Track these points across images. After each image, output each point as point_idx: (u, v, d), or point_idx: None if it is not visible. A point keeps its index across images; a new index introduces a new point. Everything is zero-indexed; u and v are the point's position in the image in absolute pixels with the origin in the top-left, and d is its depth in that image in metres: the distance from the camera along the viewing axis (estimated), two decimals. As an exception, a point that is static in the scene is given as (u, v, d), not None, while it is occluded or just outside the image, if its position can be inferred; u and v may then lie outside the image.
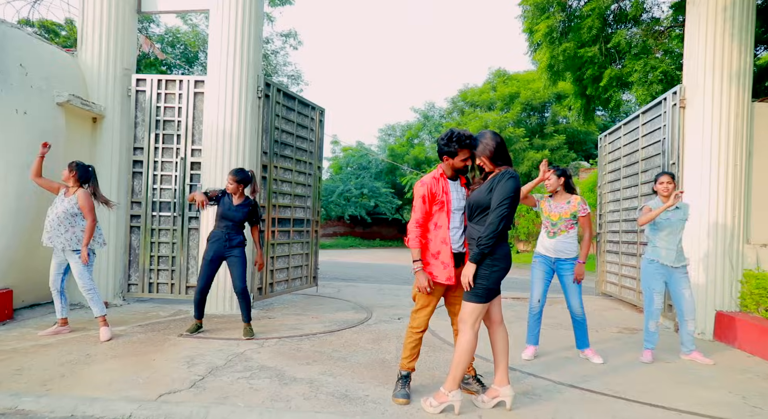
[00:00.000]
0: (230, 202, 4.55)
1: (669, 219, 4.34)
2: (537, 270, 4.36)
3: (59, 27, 23.45)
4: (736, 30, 5.27)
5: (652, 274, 4.43)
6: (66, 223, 4.30)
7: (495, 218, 2.84)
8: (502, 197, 2.86)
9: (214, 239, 4.52)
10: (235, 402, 3.00)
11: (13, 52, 4.79)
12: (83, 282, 4.40)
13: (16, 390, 3.07)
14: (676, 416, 3.06)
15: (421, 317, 3.19)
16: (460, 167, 3.16)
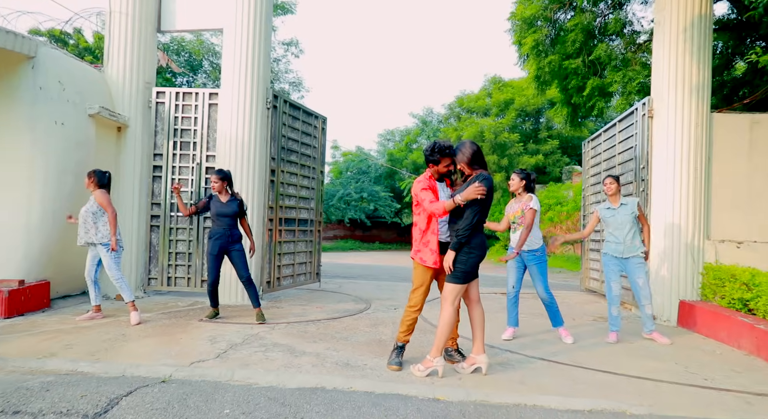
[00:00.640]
0: (219, 201, 5.15)
1: (614, 216, 4.96)
2: (510, 262, 4.97)
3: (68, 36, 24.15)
4: (695, 49, 5.89)
5: (607, 265, 5.06)
6: (90, 221, 4.92)
7: (469, 214, 3.45)
8: (472, 205, 3.47)
9: (217, 236, 5.08)
10: (255, 368, 3.60)
11: (52, 70, 5.41)
12: (112, 273, 5.00)
13: (73, 357, 3.67)
14: (623, 379, 3.65)
15: (417, 296, 3.78)
16: (443, 172, 3.78)
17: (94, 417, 2.71)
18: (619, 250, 4.96)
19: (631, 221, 4.96)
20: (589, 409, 3.03)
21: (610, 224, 5.04)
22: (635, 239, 4.97)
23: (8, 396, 2.94)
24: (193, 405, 2.88)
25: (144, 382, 3.23)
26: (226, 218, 5.10)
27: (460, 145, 3.73)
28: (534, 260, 4.86)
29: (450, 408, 2.99)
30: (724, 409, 3.10)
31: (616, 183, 5.03)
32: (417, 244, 3.76)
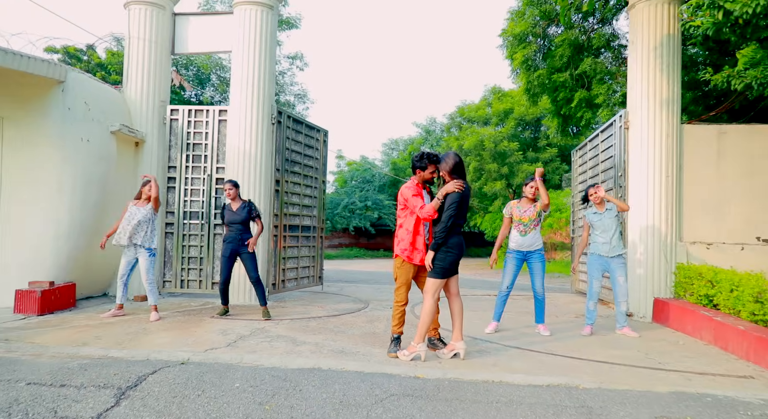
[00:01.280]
0: (231, 210, 5.70)
1: (601, 220, 5.44)
2: (510, 262, 5.43)
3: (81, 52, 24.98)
4: (665, 66, 6.40)
5: (593, 264, 5.54)
6: (144, 225, 5.51)
7: (445, 218, 3.98)
8: (451, 201, 4.00)
9: (229, 240, 5.66)
10: (261, 353, 4.12)
11: (79, 93, 6.01)
12: (148, 276, 5.56)
13: (103, 346, 4.21)
14: (585, 363, 4.14)
15: (401, 293, 4.29)
16: (428, 178, 4.32)
17: (126, 389, 3.24)
18: (606, 250, 5.43)
19: (616, 223, 5.44)
20: (547, 384, 3.52)
21: (598, 226, 5.50)
22: (620, 240, 5.45)
23: (54, 373, 3.48)
24: (208, 381, 3.41)
25: (166, 364, 3.76)
26: (237, 224, 5.66)
27: (445, 155, 4.26)
28: (539, 258, 5.36)
29: (427, 383, 3.49)
30: (665, 384, 3.57)
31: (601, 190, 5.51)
32: (404, 244, 4.27)
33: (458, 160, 4.23)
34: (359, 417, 2.91)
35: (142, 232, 5.49)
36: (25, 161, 5.83)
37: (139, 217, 5.49)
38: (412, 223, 4.27)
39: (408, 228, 4.28)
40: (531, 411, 3.06)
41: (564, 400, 3.24)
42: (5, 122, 5.85)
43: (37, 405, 2.98)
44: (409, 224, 4.28)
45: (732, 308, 5.10)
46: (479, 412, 3.01)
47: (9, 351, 4.05)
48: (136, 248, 5.53)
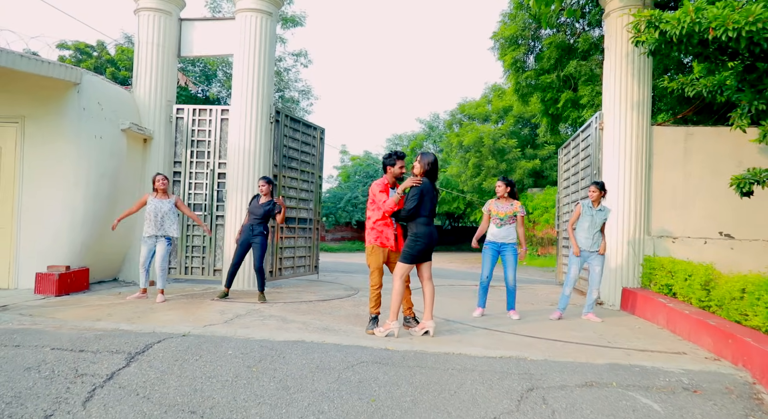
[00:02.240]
0: (257, 202, 6.24)
1: (592, 216, 5.90)
2: (487, 254, 5.94)
3: (92, 49, 25.59)
4: (636, 71, 6.85)
5: (572, 257, 6.01)
6: (172, 217, 6.12)
7: (406, 211, 4.55)
8: (411, 194, 4.54)
9: (244, 229, 6.24)
10: (253, 329, 4.66)
11: (93, 94, 6.56)
12: (162, 263, 6.13)
13: (114, 321, 4.78)
14: (541, 341, 4.64)
15: (375, 277, 4.82)
16: (398, 174, 4.84)
17: (135, 354, 3.79)
18: (588, 244, 5.91)
19: (602, 223, 5.90)
20: (500, 356, 4.04)
21: (586, 220, 5.97)
22: (600, 238, 5.92)
23: (74, 341, 4.04)
24: (206, 349, 3.95)
25: (170, 336, 4.31)
26: (255, 216, 6.21)
27: (425, 155, 4.78)
28: (512, 251, 5.86)
29: (395, 354, 4.02)
30: (605, 357, 4.08)
31: (597, 190, 5.94)
32: (375, 233, 4.81)
33: (434, 160, 4.75)
34: (331, 377, 3.44)
35: (169, 222, 6.07)
36: (44, 156, 6.40)
37: (165, 209, 6.08)
38: (379, 215, 4.81)
39: (378, 218, 4.84)
40: (480, 376, 3.57)
41: (511, 368, 3.75)
42: (27, 120, 6.41)
43: (61, 364, 3.54)
44: (379, 217, 4.81)
45: (685, 295, 5.59)
46: (434, 376, 3.54)
47: (34, 324, 4.62)
48: (156, 238, 6.08)
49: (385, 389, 3.30)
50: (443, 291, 8.22)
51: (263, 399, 3.10)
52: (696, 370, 3.84)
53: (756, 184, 4.67)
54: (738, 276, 4.60)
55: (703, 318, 4.66)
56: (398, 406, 3.06)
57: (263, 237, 6.26)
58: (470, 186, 21.61)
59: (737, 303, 4.45)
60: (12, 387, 3.17)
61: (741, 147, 6.67)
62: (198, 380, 3.36)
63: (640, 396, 3.30)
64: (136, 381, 3.31)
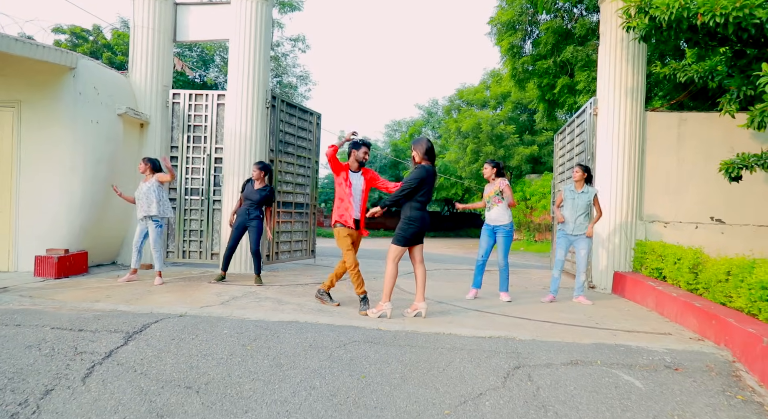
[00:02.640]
0: (252, 187, 6.30)
1: (574, 200, 5.98)
2: (483, 235, 6.06)
3: (88, 33, 25.37)
4: (631, 57, 6.87)
5: (560, 239, 6.12)
6: (151, 196, 6.10)
7: (401, 189, 4.61)
8: (410, 177, 4.60)
9: (240, 213, 6.29)
10: (248, 310, 4.76)
11: (89, 78, 6.58)
12: (155, 244, 6.19)
13: (113, 302, 4.87)
14: (531, 322, 4.75)
15: (349, 257, 4.97)
16: (361, 158, 5.02)
17: (133, 333, 3.88)
18: (570, 228, 6.01)
19: (586, 206, 5.98)
20: (489, 336, 4.14)
21: (569, 204, 6.07)
22: (585, 221, 6.01)
23: (73, 321, 4.14)
24: (202, 328, 4.05)
25: (167, 316, 4.40)
26: (251, 201, 6.27)
27: (418, 140, 4.84)
28: (505, 233, 5.96)
29: (386, 334, 4.12)
30: (591, 338, 4.18)
31: (581, 171, 6.05)
32: (340, 211, 5.02)
33: (430, 145, 4.82)
34: (324, 355, 3.55)
35: (148, 201, 6.09)
36: (41, 140, 6.44)
37: (144, 189, 6.11)
38: (341, 193, 5.04)
39: (340, 197, 5.06)
40: (468, 354, 3.68)
41: (499, 348, 3.86)
42: (23, 105, 6.44)
43: (61, 343, 3.63)
44: (340, 194, 5.05)
45: (674, 279, 5.69)
46: (424, 354, 3.64)
47: (34, 305, 4.71)
48: (146, 220, 6.15)
49: (376, 366, 3.40)
50: (438, 276, 8.34)
51: (257, 376, 3.20)
52: (679, 349, 3.95)
53: (744, 169, 4.74)
54: (724, 259, 4.69)
55: (689, 300, 4.77)
56: (388, 383, 3.16)
57: (259, 221, 6.33)
58: (468, 172, 21.65)
59: (722, 286, 4.54)
60: (14, 363, 3.26)
61: (733, 133, 6.72)
62: (194, 357, 3.45)
63: (622, 374, 3.40)
64: (134, 358, 3.41)
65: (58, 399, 2.83)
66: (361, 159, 5.11)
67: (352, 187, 5.07)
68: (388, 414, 2.77)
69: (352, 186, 5.07)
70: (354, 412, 2.77)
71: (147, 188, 6.12)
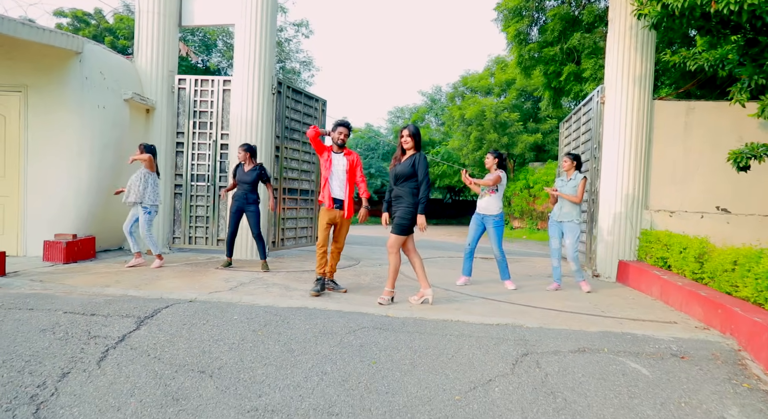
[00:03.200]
0: (243, 171, 6.31)
1: (562, 188, 6.00)
2: (472, 223, 6.10)
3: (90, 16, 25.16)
4: (639, 45, 6.81)
5: (550, 226, 6.16)
6: (136, 182, 6.10)
7: (426, 184, 4.60)
8: (426, 170, 4.60)
9: (236, 198, 6.30)
10: (257, 296, 4.80)
11: (95, 63, 6.55)
12: (143, 230, 6.22)
13: (123, 288, 4.92)
14: (537, 310, 4.79)
15: (320, 236, 5.11)
16: (336, 139, 5.13)
17: (145, 318, 3.93)
18: (557, 215, 6.04)
19: (574, 193, 5.99)
20: (497, 323, 4.18)
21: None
22: (572, 209, 6.02)
23: (85, 306, 4.18)
24: (212, 314, 4.10)
25: (177, 301, 4.45)
26: (246, 184, 6.29)
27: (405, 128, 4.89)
28: (494, 223, 5.97)
29: (395, 321, 4.16)
30: (598, 326, 4.22)
31: (569, 161, 6.07)
32: (322, 192, 5.19)
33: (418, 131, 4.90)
34: (334, 341, 3.59)
35: (135, 190, 6.08)
36: (48, 126, 6.44)
37: (132, 177, 6.12)
38: (324, 173, 5.15)
39: (323, 177, 5.18)
40: (477, 342, 3.72)
41: (507, 335, 3.90)
42: (29, 89, 6.43)
43: (74, 327, 3.68)
44: (323, 174, 5.17)
45: (680, 268, 5.71)
46: (433, 341, 3.69)
47: (45, 289, 4.76)
48: (136, 206, 6.16)
49: (386, 352, 3.45)
50: (443, 263, 8.37)
51: (269, 361, 3.24)
52: (685, 338, 3.98)
53: (753, 159, 4.73)
54: (731, 249, 4.70)
55: (695, 289, 4.79)
56: (398, 368, 3.21)
57: (257, 205, 6.35)
58: (471, 160, 21.59)
59: (729, 275, 4.56)
60: (29, 346, 3.31)
61: (741, 122, 6.68)
62: (206, 342, 3.50)
63: (629, 361, 3.44)
64: (147, 342, 3.46)
65: (75, 381, 2.88)
66: (337, 139, 5.16)
67: (332, 166, 5.15)
68: (400, 399, 2.82)
69: (332, 165, 5.15)
70: (366, 397, 2.82)
71: (136, 175, 6.14)
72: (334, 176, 5.15)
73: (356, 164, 5.31)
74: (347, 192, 5.20)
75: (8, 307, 4.12)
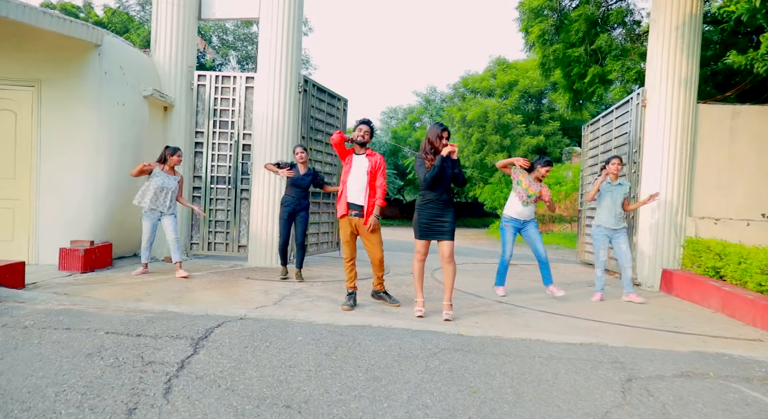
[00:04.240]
0: (299, 172, 5.91)
1: (612, 193, 5.74)
2: (509, 231, 5.73)
3: (79, 10, 24.34)
4: (686, 46, 6.58)
5: (598, 235, 5.84)
6: (172, 195, 5.79)
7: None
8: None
9: (286, 203, 5.88)
10: (309, 312, 4.42)
11: (114, 57, 6.09)
12: (176, 234, 5.80)
13: (158, 302, 4.49)
14: (606, 325, 4.50)
15: (345, 250, 4.77)
16: (357, 137, 4.72)
17: (198, 339, 3.53)
18: (612, 222, 5.75)
19: (623, 199, 5.75)
20: (580, 342, 3.87)
21: (607, 198, 5.81)
22: (624, 215, 5.78)
23: (126, 325, 3.76)
24: (272, 334, 3.71)
25: (226, 319, 4.05)
26: (299, 188, 5.89)
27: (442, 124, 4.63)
28: (535, 226, 5.71)
29: (472, 341, 3.83)
30: (684, 344, 3.94)
31: (620, 163, 5.80)
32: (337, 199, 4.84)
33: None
34: (419, 367, 3.24)
35: (172, 200, 5.73)
36: (63, 123, 5.95)
37: (173, 187, 5.72)
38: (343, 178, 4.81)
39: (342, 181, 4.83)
40: (570, 364, 3.40)
41: (597, 356, 3.59)
42: (43, 84, 5.94)
43: (123, 351, 3.26)
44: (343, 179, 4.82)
45: (739, 279, 5.47)
46: (525, 365, 3.35)
47: (74, 304, 4.31)
48: (161, 214, 5.74)
49: (480, 379, 3.11)
50: (472, 270, 8.06)
51: (358, 392, 2.88)
52: (783, 358, 3.72)
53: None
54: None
55: (771, 303, 4.55)
56: (502, 399, 2.87)
57: (308, 211, 5.98)
58: (472, 162, 21.36)
59: (811, 289, 4.33)
60: (80, 375, 2.90)
61: (790, 127, 6.50)
62: (278, 369, 3.12)
63: (744, 389, 3.15)
64: (212, 370, 3.06)
65: (149, 421, 2.49)
66: (358, 137, 4.76)
67: (351, 167, 4.77)
68: (526, 439, 2.48)
69: (351, 167, 4.77)
70: (489, 438, 2.48)
71: (175, 186, 5.83)
72: (354, 178, 4.72)
73: (379, 166, 4.86)
74: (368, 197, 4.72)
75: (41, 326, 3.68)
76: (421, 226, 4.42)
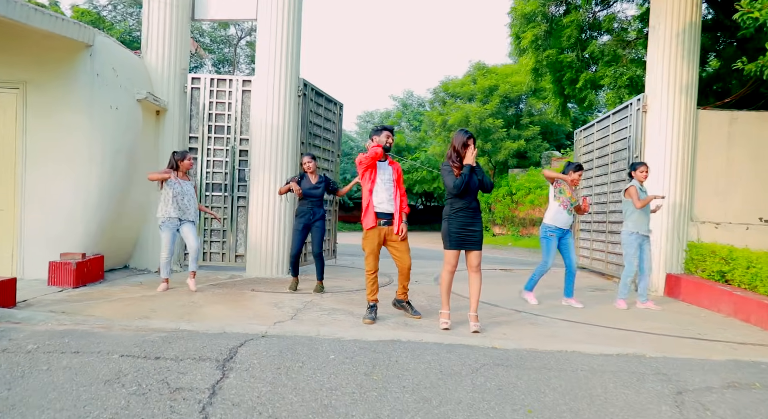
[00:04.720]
0: (309, 182, 5.68)
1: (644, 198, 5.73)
2: (554, 241, 5.61)
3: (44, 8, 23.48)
4: (686, 52, 6.66)
5: (633, 242, 5.69)
6: (194, 201, 5.50)
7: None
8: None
9: (302, 214, 5.64)
10: (332, 326, 4.20)
11: (107, 58, 5.75)
12: (197, 242, 5.54)
13: (167, 319, 4.20)
14: (633, 334, 4.44)
15: (370, 262, 4.53)
16: (384, 142, 4.54)
17: (224, 361, 3.28)
18: (646, 228, 5.70)
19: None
20: (617, 353, 3.78)
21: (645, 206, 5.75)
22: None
23: (140, 346, 3.48)
24: (301, 352, 3.49)
25: (248, 337, 3.80)
26: (314, 198, 5.65)
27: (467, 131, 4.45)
28: (571, 235, 5.67)
29: (508, 353, 3.69)
30: (716, 352, 3.90)
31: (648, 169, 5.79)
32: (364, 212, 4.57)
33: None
34: (466, 385, 3.07)
35: (193, 206, 5.46)
36: (51, 128, 5.57)
37: (191, 192, 5.47)
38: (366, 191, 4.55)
39: (364, 195, 4.58)
40: (616, 377, 3.30)
41: (640, 368, 3.50)
42: (29, 86, 5.55)
43: (145, 376, 3.00)
44: (365, 192, 4.56)
45: (748, 284, 5.51)
46: (571, 379, 3.23)
47: (77, 324, 3.99)
48: (180, 221, 5.44)
49: (531, 396, 2.97)
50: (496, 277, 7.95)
51: (410, 416, 2.69)
52: (817, 365, 3.71)
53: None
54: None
55: (791, 308, 4.57)
56: (561, 417, 2.73)
57: (324, 221, 5.75)
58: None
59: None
60: (102, 406, 2.63)
61: (787, 133, 6.64)
62: (319, 392, 2.91)
63: (795, 398, 3.11)
64: (248, 396, 2.83)
65: (198, 461, 2.25)
66: (385, 143, 4.56)
67: (377, 177, 4.54)
68: (603, 464, 2.34)
69: (377, 176, 4.54)
70: (565, 464, 2.33)
71: (192, 191, 5.56)
72: (381, 187, 4.54)
73: (401, 173, 4.80)
74: (398, 205, 4.59)
75: (46, 350, 3.37)
76: (451, 235, 4.26)
